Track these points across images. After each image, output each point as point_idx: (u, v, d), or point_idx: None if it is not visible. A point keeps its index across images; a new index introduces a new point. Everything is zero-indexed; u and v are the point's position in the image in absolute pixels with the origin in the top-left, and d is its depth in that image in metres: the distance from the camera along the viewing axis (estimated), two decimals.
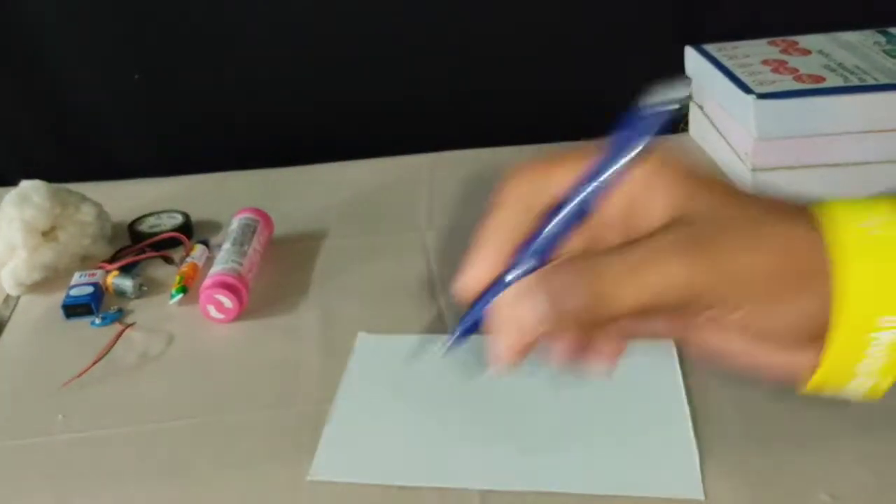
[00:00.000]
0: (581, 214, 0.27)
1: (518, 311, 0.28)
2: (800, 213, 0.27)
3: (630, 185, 0.27)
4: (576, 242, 0.28)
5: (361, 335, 0.57)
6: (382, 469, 0.47)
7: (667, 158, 0.29)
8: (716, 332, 0.28)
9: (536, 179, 0.30)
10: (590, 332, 0.29)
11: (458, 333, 0.32)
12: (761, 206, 0.28)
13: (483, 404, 0.51)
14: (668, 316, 0.28)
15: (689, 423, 0.47)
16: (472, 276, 0.30)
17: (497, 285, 0.29)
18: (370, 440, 0.49)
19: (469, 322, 0.31)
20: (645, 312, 0.27)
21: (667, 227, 0.27)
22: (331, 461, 0.47)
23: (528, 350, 0.28)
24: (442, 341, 0.34)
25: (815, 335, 0.26)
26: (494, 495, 0.44)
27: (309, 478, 0.46)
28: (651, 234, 0.27)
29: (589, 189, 0.27)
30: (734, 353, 0.29)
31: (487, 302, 0.30)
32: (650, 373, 0.51)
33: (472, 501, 0.44)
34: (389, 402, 0.51)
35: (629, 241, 0.27)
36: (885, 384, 0.28)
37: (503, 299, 0.28)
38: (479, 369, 0.39)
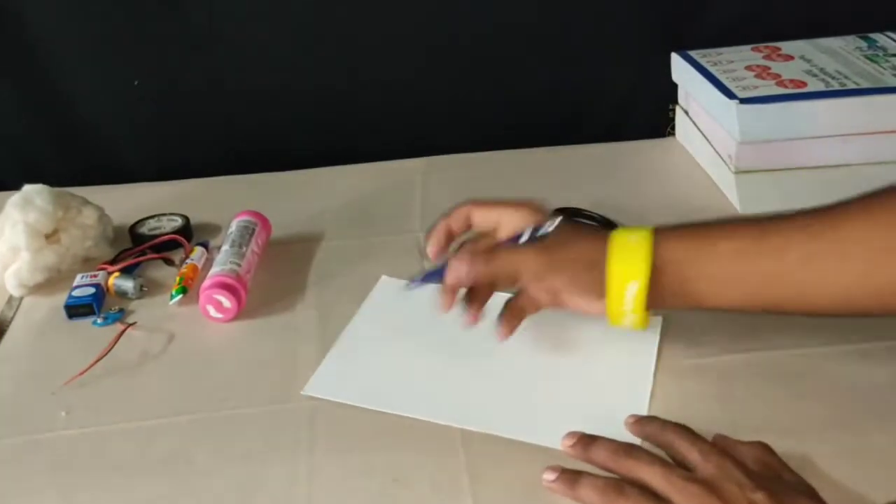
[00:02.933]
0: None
1: (456, 265, 0.51)
2: (599, 235, 0.50)
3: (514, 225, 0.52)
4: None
5: (384, 278, 0.62)
6: (374, 395, 0.52)
7: (541, 210, 0.52)
8: (559, 294, 0.51)
9: (477, 208, 0.53)
10: (486, 293, 0.54)
11: (422, 278, 0.54)
12: (579, 232, 0.51)
13: (480, 354, 0.55)
14: (532, 281, 0.51)
15: (647, 400, 0.51)
16: (432, 250, 0.54)
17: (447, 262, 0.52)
18: (368, 370, 0.54)
19: (432, 275, 0.53)
20: (525, 274, 0.51)
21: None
22: (326, 382, 0.53)
23: (458, 288, 0.52)
24: (407, 282, 0.54)
25: (601, 294, 0.49)
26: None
27: (303, 392, 0.53)
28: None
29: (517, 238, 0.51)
30: (571, 304, 0.51)
31: (442, 268, 0.52)
32: (629, 351, 0.55)
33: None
34: (392, 340, 0.56)
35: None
36: (643, 319, 0.50)
37: (453, 263, 0.51)
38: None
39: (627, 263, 0.48)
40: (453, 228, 0.53)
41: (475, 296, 0.53)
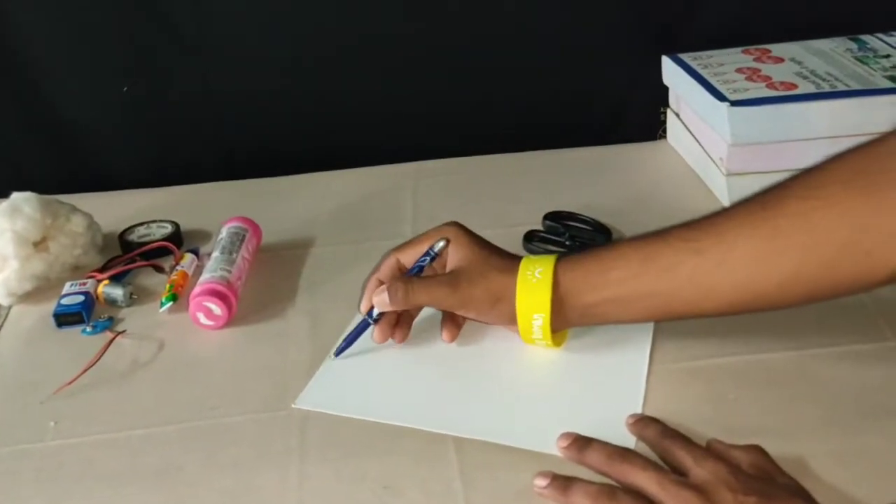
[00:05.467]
0: (418, 270, 0.55)
1: (379, 296, 0.54)
2: (508, 267, 0.53)
3: (445, 253, 0.55)
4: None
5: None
6: (366, 407, 0.51)
7: (461, 239, 0.55)
8: (477, 318, 0.55)
9: (398, 253, 0.57)
10: (413, 313, 0.57)
11: (345, 343, 0.56)
12: (491, 264, 0.53)
13: (471, 361, 0.55)
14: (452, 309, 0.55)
15: (640, 403, 0.51)
16: (364, 306, 0.56)
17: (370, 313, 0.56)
18: (359, 381, 0.54)
19: (352, 336, 0.56)
20: (434, 305, 0.55)
21: (448, 273, 0.54)
22: (317, 395, 0.53)
23: (388, 316, 0.56)
24: (332, 354, 0.56)
25: (512, 322, 0.53)
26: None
27: (294, 405, 0.52)
28: (442, 274, 0.55)
29: (417, 266, 0.55)
30: (497, 325, 0.56)
31: (367, 322, 0.56)
32: (621, 355, 0.55)
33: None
34: (382, 352, 0.56)
35: (433, 276, 0.55)
36: (552, 343, 0.54)
37: (376, 299, 0.55)
38: None
39: (531, 298, 0.51)
40: (384, 281, 0.55)
41: (402, 319, 0.57)
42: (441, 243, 0.54)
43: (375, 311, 0.55)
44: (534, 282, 0.51)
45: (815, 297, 0.48)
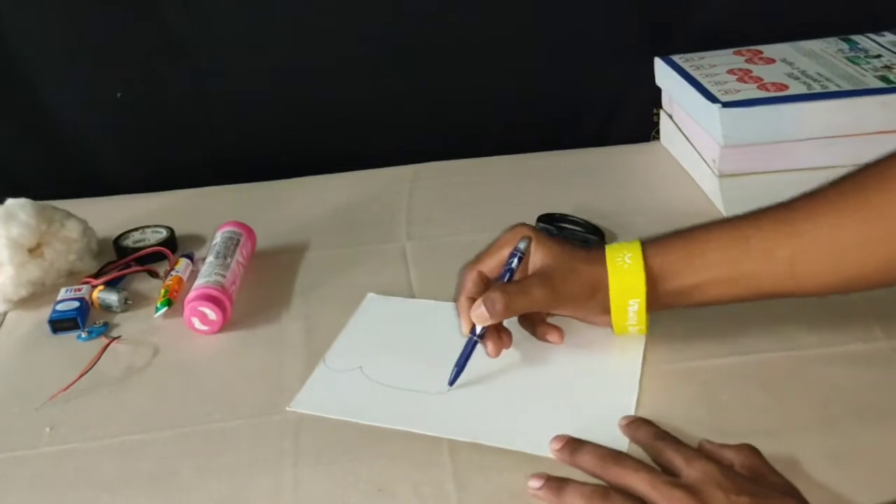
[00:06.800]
0: (510, 275, 0.54)
1: (476, 311, 0.53)
2: (594, 258, 0.53)
3: (528, 255, 0.54)
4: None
5: (370, 295, 0.63)
6: (361, 410, 0.52)
7: (539, 238, 0.54)
8: (573, 314, 0.56)
9: (478, 265, 0.56)
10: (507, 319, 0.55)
11: (457, 370, 0.53)
12: (577, 257, 0.53)
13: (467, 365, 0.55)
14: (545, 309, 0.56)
15: (633, 405, 0.51)
16: (466, 328, 0.54)
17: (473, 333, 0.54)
18: (354, 384, 0.54)
19: (462, 361, 0.53)
20: (534, 308, 0.55)
21: (536, 273, 0.54)
22: (312, 398, 0.53)
23: (492, 328, 0.54)
24: (447, 378, 0.53)
25: (605, 312, 0.53)
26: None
27: (289, 408, 0.52)
28: (532, 276, 0.54)
29: (508, 270, 0.54)
30: (588, 320, 0.56)
31: (472, 345, 0.54)
32: (614, 358, 0.55)
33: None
34: (378, 356, 0.56)
35: (523, 280, 0.54)
36: (644, 327, 0.54)
37: (474, 314, 0.53)
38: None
39: (626, 285, 0.52)
40: (475, 297, 0.53)
41: (501, 326, 0.55)
42: (524, 242, 0.53)
43: (478, 328, 0.53)
44: (625, 268, 0.51)
45: None
